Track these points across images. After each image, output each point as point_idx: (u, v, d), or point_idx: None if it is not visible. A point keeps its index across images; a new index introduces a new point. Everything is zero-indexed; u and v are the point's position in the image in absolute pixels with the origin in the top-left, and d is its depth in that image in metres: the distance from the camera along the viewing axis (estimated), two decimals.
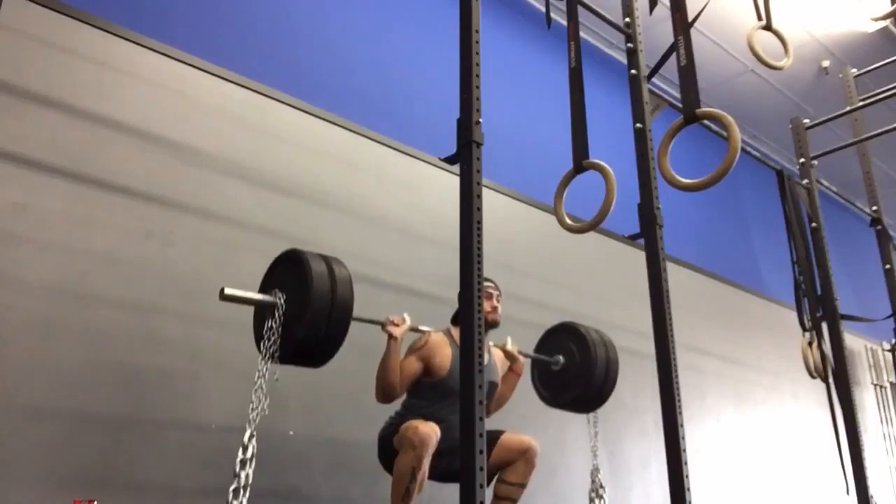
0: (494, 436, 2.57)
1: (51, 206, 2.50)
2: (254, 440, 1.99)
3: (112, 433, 2.43)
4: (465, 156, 1.95)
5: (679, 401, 2.17)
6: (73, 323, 2.45)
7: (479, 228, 1.88)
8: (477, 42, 2.04)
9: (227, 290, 2.16)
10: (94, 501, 2.14)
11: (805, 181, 3.81)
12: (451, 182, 2.35)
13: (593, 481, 2.88)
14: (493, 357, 2.77)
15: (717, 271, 5.66)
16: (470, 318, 1.78)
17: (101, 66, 2.76)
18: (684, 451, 2.09)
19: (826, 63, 5.69)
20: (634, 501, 4.18)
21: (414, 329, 2.60)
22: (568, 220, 2.44)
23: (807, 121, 3.97)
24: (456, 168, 1.98)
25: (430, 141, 3.60)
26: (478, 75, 2.01)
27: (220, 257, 2.86)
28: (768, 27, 2.94)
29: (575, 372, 2.99)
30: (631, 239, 2.48)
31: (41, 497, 2.25)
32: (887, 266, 3.85)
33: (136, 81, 2.84)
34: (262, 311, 2.27)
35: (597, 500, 2.86)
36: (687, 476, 2.06)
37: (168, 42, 2.96)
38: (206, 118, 3.00)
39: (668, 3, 2.46)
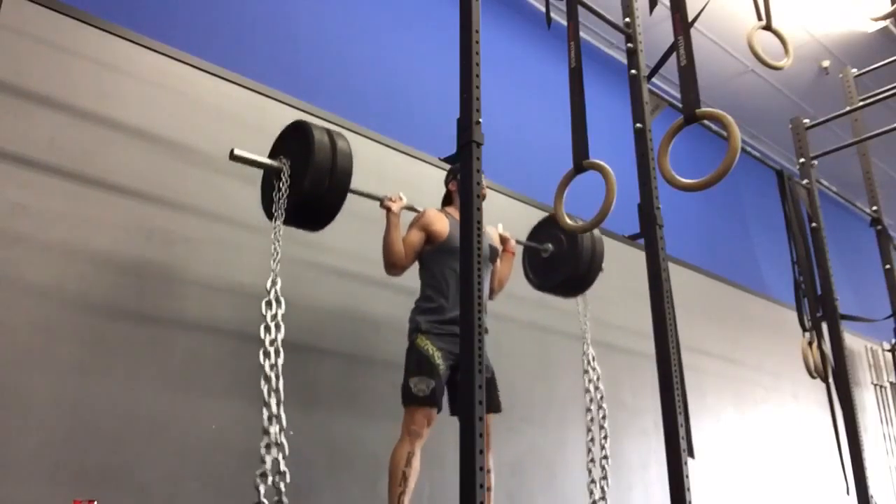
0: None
1: (51, 206, 2.50)
2: (278, 285, 2.21)
3: (112, 433, 2.43)
4: (465, 156, 1.95)
5: (679, 401, 2.17)
6: (73, 323, 2.45)
7: (480, 228, 1.89)
8: (477, 42, 2.04)
9: (237, 151, 2.37)
10: (94, 501, 2.14)
11: (805, 181, 3.81)
12: None
13: (587, 371, 2.98)
14: (489, 232, 2.94)
15: (717, 271, 5.66)
16: (471, 314, 1.78)
17: (101, 66, 2.76)
18: (684, 451, 2.09)
19: (826, 63, 5.69)
20: (634, 501, 4.18)
21: (410, 208, 2.81)
22: (568, 220, 2.44)
23: (807, 121, 3.97)
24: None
25: (430, 141, 3.60)
26: (478, 75, 2.01)
27: (220, 257, 2.86)
28: (768, 27, 2.94)
29: (563, 258, 3.25)
30: (631, 239, 2.48)
31: (41, 497, 2.25)
32: (887, 266, 3.85)
33: (136, 81, 2.84)
34: (269, 176, 2.50)
35: (591, 372, 3.00)
36: (687, 476, 2.06)
37: (168, 42, 2.96)
38: (206, 118, 3.00)
39: (668, 3, 2.46)
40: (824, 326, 3.54)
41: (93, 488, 2.30)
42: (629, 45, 2.68)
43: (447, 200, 2.99)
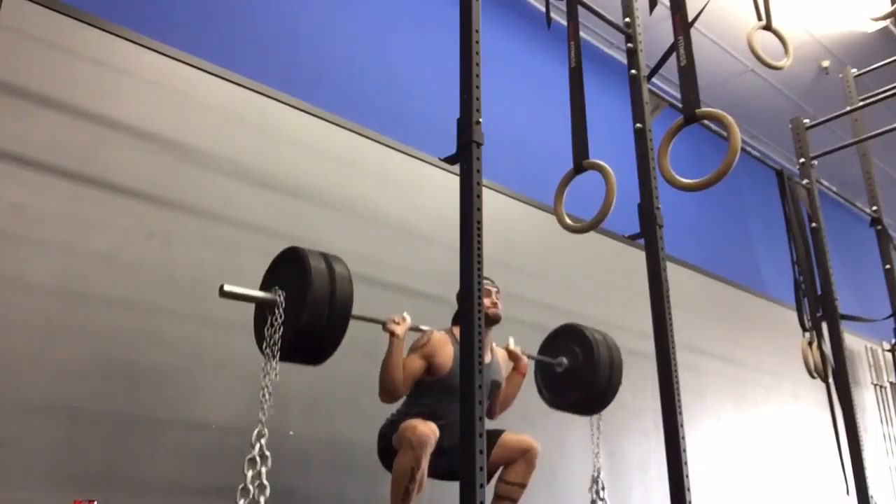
0: (495, 435, 2.57)
1: (51, 206, 2.50)
2: (263, 440, 2.00)
3: (112, 433, 2.43)
4: (465, 156, 1.95)
5: (679, 401, 2.17)
6: (73, 323, 2.45)
7: (479, 228, 1.89)
8: (477, 42, 2.04)
9: (227, 287, 2.16)
10: (94, 501, 2.14)
11: (805, 181, 3.81)
12: (451, 182, 2.35)
13: (595, 483, 2.87)
14: (496, 357, 2.77)
15: (717, 271, 5.66)
16: (470, 315, 1.79)
17: (101, 66, 2.76)
18: (684, 451, 2.09)
19: (826, 63, 5.69)
20: (634, 501, 4.18)
21: (414, 328, 2.60)
22: (568, 220, 2.45)
23: (807, 121, 3.97)
24: (456, 168, 1.98)
25: (430, 141, 3.60)
26: (478, 75, 2.01)
27: (220, 257, 2.86)
28: (768, 27, 2.95)
29: (578, 374, 2.98)
30: (631, 239, 2.48)
31: (41, 497, 2.25)
32: (887, 266, 3.85)
33: (136, 81, 2.84)
34: (262, 309, 2.28)
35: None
36: (687, 476, 2.06)
37: (168, 42, 2.96)
38: (206, 118, 3.00)
39: (668, 3, 2.46)
40: (824, 326, 3.54)
41: (93, 488, 2.30)
42: (629, 45, 2.69)
43: (457, 318, 2.65)
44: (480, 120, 1.96)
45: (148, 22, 2.97)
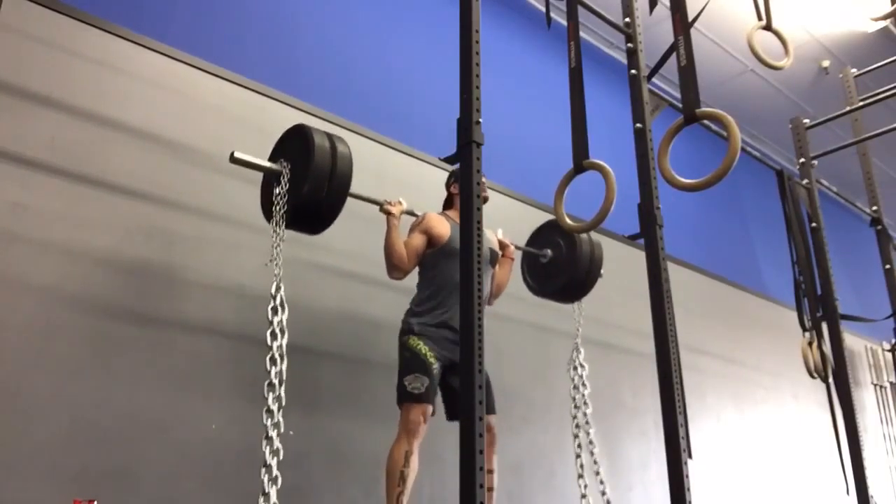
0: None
1: (51, 206, 2.50)
2: (282, 291, 2.26)
3: (112, 433, 2.43)
4: (465, 156, 1.95)
5: (679, 401, 2.17)
6: (73, 323, 2.45)
7: (480, 228, 1.89)
8: (477, 42, 2.04)
9: (238, 154, 2.37)
10: (93, 501, 2.14)
11: (805, 181, 3.81)
12: None
13: (575, 368, 3.08)
14: (488, 235, 2.91)
15: (717, 271, 5.66)
16: (471, 318, 1.78)
17: (101, 66, 2.76)
18: (684, 450, 2.09)
19: (826, 63, 5.69)
20: (634, 501, 4.18)
21: (409, 212, 2.80)
22: (568, 220, 2.44)
23: (807, 121, 3.97)
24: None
25: (430, 141, 3.60)
26: (478, 75, 2.01)
27: (220, 257, 2.86)
28: (768, 27, 2.94)
29: (561, 264, 3.27)
30: (631, 239, 2.48)
31: (41, 496, 2.25)
32: (887, 266, 3.85)
33: (136, 81, 2.84)
34: (269, 180, 2.50)
35: (576, 375, 3.07)
36: (687, 476, 2.06)
37: (168, 42, 2.96)
38: (206, 118, 3.00)
39: (668, 3, 2.46)
40: (824, 326, 3.54)
41: (93, 488, 2.30)
42: (629, 45, 2.69)
43: (448, 204, 2.97)
44: (480, 120, 1.96)
45: (148, 22, 2.97)
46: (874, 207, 3.94)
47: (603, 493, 3.01)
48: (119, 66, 2.81)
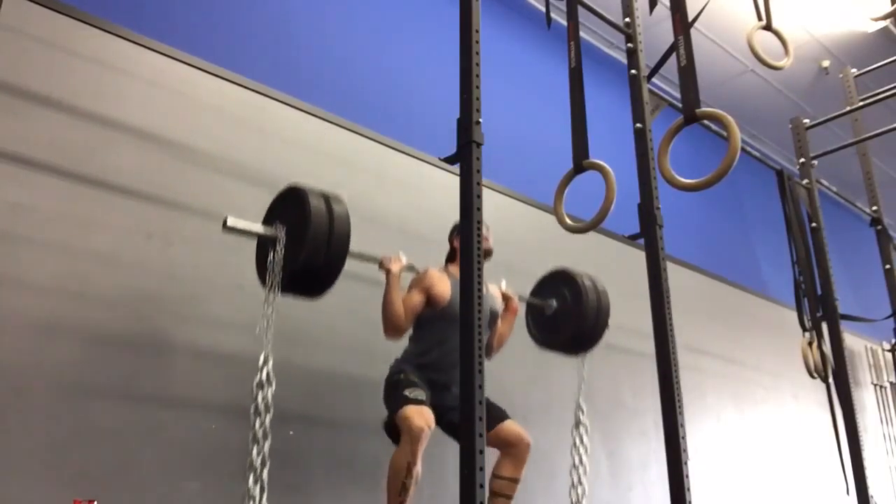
0: (498, 416, 2.61)
1: (51, 206, 2.50)
2: (269, 363, 2.12)
3: (112, 433, 2.43)
4: (465, 156, 1.95)
5: (679, 401, 2.17)
6: (73, 323, 2.45)
7: (479, 228, 1.89)
8: (477, 42, 2.04)
9: (230, 222, 2.24)
10: (93, 501, 2.14)
11: (805, 181, 3.81)
12: (451, 182, 2.35)
13: (578, 425, 2.93)
14: (491, 291, 2.83)
15: (718, 271, 5.66)
16: (471, 318, 1.78)
17: (101, 66, 2.76)
18: (684, 450, 2.09)
19: (826, 63, 5.69)
20: (634, 501, 4.18)
21: (409, 268, 2.70)
22: (568, 220, 2.45)
23: (807, 121, 3.97)
24: (456, 168, 1.98)
25: (430, 141, 3.59)
26: (478, 75, 2.01)
27: (220, 257, 2.86)
28: (768, 27, 2.95)
29: (567, 316, 3.10)
30: (631, 239, 2.49)
31: (41, 496, 2.25)
32: (887, 266, 3.86)
33: (136, 81, 2.84)
34: (264, 244, 2.37)
35: (579, 442, 2.92)
36: (687, 476, 2.06)
37: (168, 42, 2.96)
38: (206, 118, 3.00)
39: (668, 3, 2.46)
40: (824, 326, 3.54)
41: (93, 488, 2.30)
42: (629, 45, 2.69)
43: (451, 258, 2.84)
44: (480, 120, 1.96)
45: (148, 22, 2.97)
46: (874, 207, 3.94)
47: None
48: (119, 66, 2.81)
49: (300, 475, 2.80)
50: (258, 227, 2.32)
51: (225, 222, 2.24)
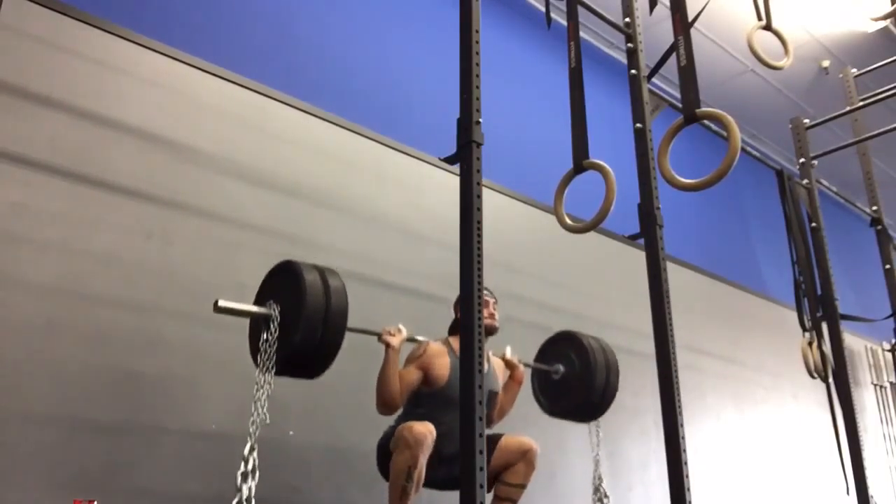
0: (494, 439, 2.57)
1: (51, 206, 2.50)
2: (255, 453, 1.99)
3: (112, 434, 2.43)
4: (465, 156, 1.95)
5: (679, 401, 2.17)
6: (73, 323, 2.45)
7: (479, 228, 1.89)
8: (477, 42, 2.04)
9: (222, 303, 2.12)
10: (93, 501, 2.14)
11: (805, 181, 3.81)
12: (451, 182, 2.35)
13: (597, 490, 2.85)
14: (493, 366, 2.74)
15: (718, 271, 5.66)
16: (471, 317, 1.78)
17: (101, 66, 2.76)
18: (684, 451, 2.09)
19: (826, 63, 5.69)
20: (634, 501, 4.18)
21: (410, 339, 2.59)
22: (568, 220, 2.44)
23: (807, 121, 3.97)
24: (456, 168, 1.98)
25: (430, 141, 3.60)
26: (478, 75, 2.01)
27: (220, 257, 2.86)
28: (768, 27, 2.95)
29: (575, 381, 2.97)
30: (631, 239, 2.48)
31: (41, 497, 2.25)
32: (887, 266, 3.85)
33: (136, 81, 2.84)
34: (257, 323, 2.23)
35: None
36: (687, 476, 2.06)
37: (168, 42, 2.96)
38: (206, 118, 3.00)
39: (668, 3, 2.46)
40: (824, 326, 3.54)
41: (93, 488, 2.30)
42: (629, 45, 2.69)
43: (454, 329, 2.72)
44: (480, 120, 1.96)
45: (148, 22, 2.97)
46: (874, 207, 3.94)
47: None
48: (119, 66, 2.81)
49: (300, 475, 2.80)
50: (251, 307, 2.21)
51: (216, 304, 2.11)
